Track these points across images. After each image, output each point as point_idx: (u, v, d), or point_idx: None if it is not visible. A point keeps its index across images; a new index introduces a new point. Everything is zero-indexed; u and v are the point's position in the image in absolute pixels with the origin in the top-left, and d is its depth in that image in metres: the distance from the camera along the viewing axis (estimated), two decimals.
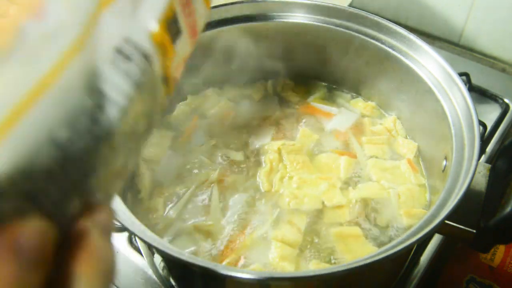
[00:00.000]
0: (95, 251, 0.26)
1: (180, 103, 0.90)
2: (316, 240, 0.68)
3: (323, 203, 0.72)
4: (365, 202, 0.72)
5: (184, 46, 0.39)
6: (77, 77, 0.26)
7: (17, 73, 0.23)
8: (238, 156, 0.81)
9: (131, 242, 0.78)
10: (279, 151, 0.80)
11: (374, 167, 0.78)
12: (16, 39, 0.24)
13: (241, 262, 0.65)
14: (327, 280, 0.55)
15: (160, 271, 0.70)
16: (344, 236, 0.68)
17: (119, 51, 0.30)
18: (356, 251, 0.66)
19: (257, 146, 0.83)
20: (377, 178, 0.76)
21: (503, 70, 1.18)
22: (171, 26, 0.37)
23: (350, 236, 0.68)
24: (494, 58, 1.19)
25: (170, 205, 0.74)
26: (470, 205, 0.59)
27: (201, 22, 0.43)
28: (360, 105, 0.91)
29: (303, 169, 0.77)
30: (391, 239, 0.69)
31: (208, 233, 0.69)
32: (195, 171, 0.79)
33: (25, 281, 0.22)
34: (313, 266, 0.64)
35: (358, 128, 0.87)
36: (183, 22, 0.39)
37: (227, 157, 0.81)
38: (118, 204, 0.57)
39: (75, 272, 0.25)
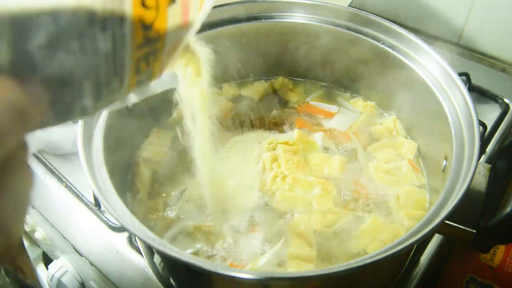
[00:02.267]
0: None
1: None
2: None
3: (311, 205, 0.72)
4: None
5: (174, 17, 0.38)
6: None
7: None
8: (238, 155, 0.81)
9: (131, 242, 0.78)
10: (274, 149, 0.80)
11: (376, 170, 0.78)
12: None
13: None
14: (327, 280, 0.55)
15: (160, 271, 0.70)
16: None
17: None
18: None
19: (256, 145, 0.83)
20: (381, 181, 0.76)
21: (503, 70, 1.18)
22: None
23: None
24: (494, 58, 1.19)
25: (170, 205, 0.74)
26: (470, 205, 0.59)
27: (194, 9, 0.41)
28: (359, 104, 0.91)
29: (297, 168, 0.77)
30: None
31: (208, 233, 0.69)
32: (195, 173, 0.78)
33: None
34: None
35: (358, 128, 0.87)
36: None
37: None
38: (118, 204, 0.57)
39: None
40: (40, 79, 0.29)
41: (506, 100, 1.03)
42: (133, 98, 0.40)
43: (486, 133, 0.95)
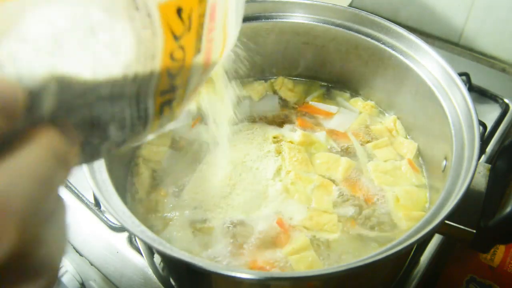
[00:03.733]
0: None
1: None
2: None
3: (311, 202, 0.72)
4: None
5: (197, 64, 0.39)
6: None
7: None
8: (238, 156, 0.81)
9: (131, 242, 0.78)
10: (278, 141, 0.81)
11: (375, 171, 0.78)
12: None
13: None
14: (327, 280, 0.55)
15: (160, 271, 0.70)
16: None
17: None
18: None
19: (261, 136, 0.83)
20: (379, 182, 0.76)
21: (503, 70, 1.18)
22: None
23: None
24: (494, 58, 1.19)
25: (170, 205, 0.74)
26: (470, 205, 0.59)
27: (215, 53, 0.42)
28: (359, 104, 0.91)
29: (300, 165, 0.77)
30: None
31: (208, 233, 0.69)
32: (195, 171, 0.79)
33: None
34: None
35: (358, 128, 0.87)
36: (204, 38, 0.39)
37: None
38: (118, 204, 0.57)
39: None
40: (74, 124, 0.30)
41: (506, 100, 1.03)
42: (150, 136, 0.41)
43: (486, 133, 0.95)
